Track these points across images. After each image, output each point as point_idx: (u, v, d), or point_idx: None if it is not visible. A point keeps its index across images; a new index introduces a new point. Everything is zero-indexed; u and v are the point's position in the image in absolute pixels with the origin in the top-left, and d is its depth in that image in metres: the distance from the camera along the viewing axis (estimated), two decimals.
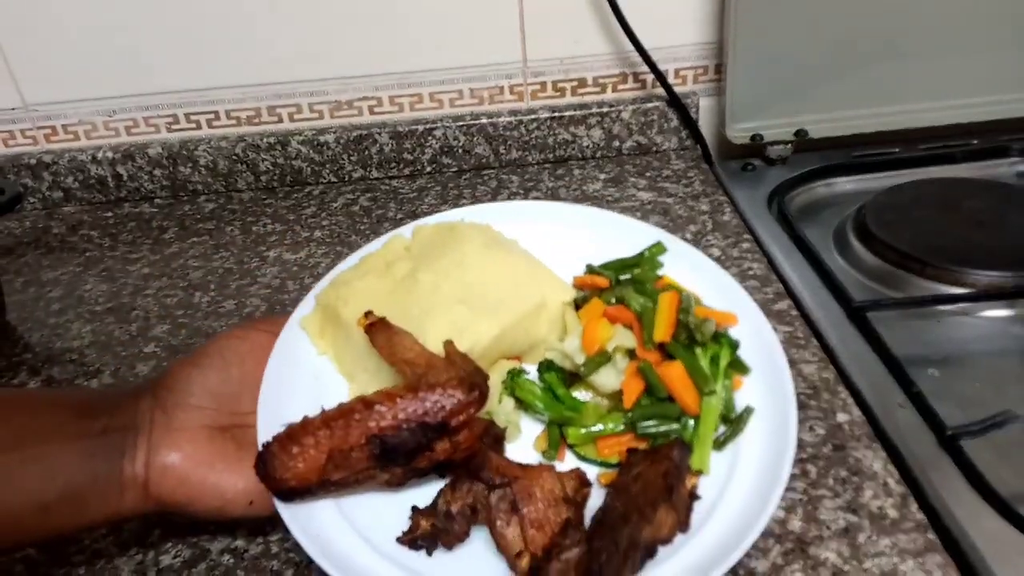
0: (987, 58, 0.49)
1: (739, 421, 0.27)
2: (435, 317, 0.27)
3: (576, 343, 0.28)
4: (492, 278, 0.29)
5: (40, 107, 0.53)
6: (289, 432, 0.23)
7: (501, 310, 0.28)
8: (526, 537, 0.23)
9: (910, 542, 0.26)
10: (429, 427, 0.23)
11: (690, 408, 0.27)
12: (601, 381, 0.27)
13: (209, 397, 0.25)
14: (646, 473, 0.24)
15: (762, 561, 0.26)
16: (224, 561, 0.28)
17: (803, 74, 0.49)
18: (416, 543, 0.24)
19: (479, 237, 0.30)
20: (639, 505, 0.23)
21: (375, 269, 0.30)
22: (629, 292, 0.29)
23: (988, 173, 0.50)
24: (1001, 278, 0.39)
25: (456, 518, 0.24)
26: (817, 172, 0.50)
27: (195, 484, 0.24)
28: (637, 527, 0.22)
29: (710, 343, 0.27)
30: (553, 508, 0.23)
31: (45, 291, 0.46)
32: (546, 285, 0.30)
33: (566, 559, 0.22)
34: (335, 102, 0.53)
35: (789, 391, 0.26)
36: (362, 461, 0.23)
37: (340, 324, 0.28)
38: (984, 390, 0.33)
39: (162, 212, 0.53)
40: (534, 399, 0.28)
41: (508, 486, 0.24)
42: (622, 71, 0.53)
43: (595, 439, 0.27)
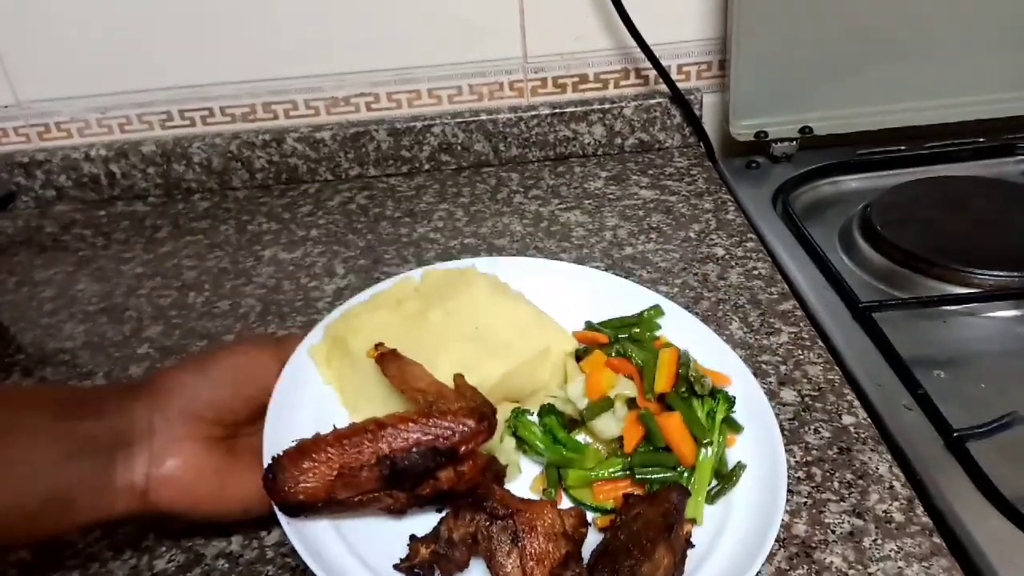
0: (994, 56, 0.48)
1: (732, 476, 0.28)
2: (445, 353, 0.28)
3: (579, 388, 0.29)
4: (500, 322, 0.30)
5: (33, 104, 0.52)
6: (300, 447, 0.24)
7: (508, 352, 0.29)
8: (525, 569, 0.23)
9: (916, 546, 0.26)
10: (439, 452, 0.24)
11: (686, 458, 0.28)
12: (601, 427, 0.29)
13: (211, 408, 0.25)
14: (646, 513, 0.25)
15: (767, 566, 0.26)
16: (219, 566, 0.27)
17: (808, 71, 0.48)
18: (413, 571, 0.24)
19: (488, 283, 0.32)
20: (640, 541, 0.23)
21: (386, 305, 0.31)
22: (630, 345, 0.31)
23: (994, 171, 0.49)
24: (1008, 278, 0.38)
25: (458, 546, 0.24)
26: (822, 170, 0.50)
27: (196, 494, 0.24)
28: (638, 562, 0.23)
29: (707, 398, 0.29)
30: (554, 542, 0.24)
31: (38, 291, 0.45)
32: (550, 333, 0.32)
33: None
34: (331, 98, 0.53)
35: (779, 451, 0.27)
36: (371, 481, 0.24)
37: (348, 354, 0.29)
38: (990, 391, 0.33)
39: (156, 211, 0.53)
40: (536, 439, 0.28)
41: (511, 518, 0.24)
42: (624, 67, 0.53)
43: (592, 483, 0.28)
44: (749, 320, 0.37)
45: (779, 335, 0.36)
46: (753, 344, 0.36)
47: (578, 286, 0.34)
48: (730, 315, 0.38)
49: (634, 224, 0.46)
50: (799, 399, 0.32)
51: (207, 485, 0.24)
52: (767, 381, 0.34)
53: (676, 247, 0.44)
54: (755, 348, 0.35)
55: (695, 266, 0.42)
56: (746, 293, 0.39)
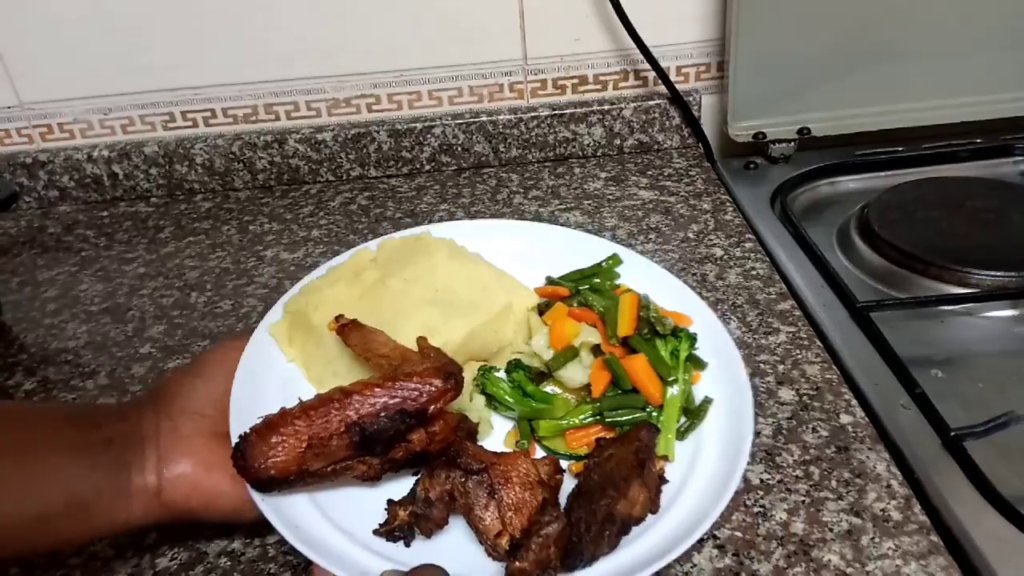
0: (991, 57, 0.48)
1: (699, 411, 0.28)
2: (407, 318, 0.28)
3: (544, 341, 0.30)
4: (460, 284, 0.30)
5: (36, 105, 0.52)
6: (268, 422, 0.23)
7: (470, 312, 0.29)
8: (504, 520, 0.23)
9: (913, 544, 0.26)
10: (407, 414, 0.23)
11: (654, 398, 0.28)
12: (568, 375, 0.29)
13: (212, 406, 0.25)
14: (618, 453, 0.25)
15: (764, 564, 0.26)
16: (221, 564, 0.28)
17: (806, 72, 0.48)
18: (394, 534, 0.24)
19: (445, 247, 0.32)
20: (614, 479, 0.24)
21: (344, 277, 0.30)
22: (591, 294, 0.31)
23: (992, 172, 0.50)
24: (1005, 278, 0.38)
25: (435, 504, 0.24)
26: (820, 171, 0.50)
27: (207, 489, 0.24)
28: (614, 500, 0.23)
29: (670, 338, 0.29)
30: (530, 491, 0.24)
31: (40, 291, 0.45)
32: (512, 290, 0.31)
33: (545, 534, 0.23)
34: (333, 100, 0.53)
35: (744, 383, 0.28)
36: (342, 449, 0.23)
37: (310, 330, 0.29)
38: (987, 391, 0.33)
39: (158, 211, 0.53)
40: (504, 395, 0.29)
41: (485, 471, 0.24)
42: (623, 68, 0.53)
43: (564, 432, 0.28)
44: (747, 320, 0.38)
45: (777, 335, 0.36)
46: (751, 344, 0.36)
47: (536, 243, 0.34)
48: (728, 315, 0.38)
49: (633, 225, 0.46)
50: (797, 398, 0.33)
51: (219, 479, 0.24)
52: (765, 380, 0.34)
53: (675, 247, 0.44)
54: (753, 348, 0.36)
55: (694, 266, 0.42)
56: (744, 293, 0.40)
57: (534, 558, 0.22)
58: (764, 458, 0.30)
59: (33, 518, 0.22)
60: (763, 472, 0.29)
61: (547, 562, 0.22)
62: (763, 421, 0.32)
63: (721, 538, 0.27)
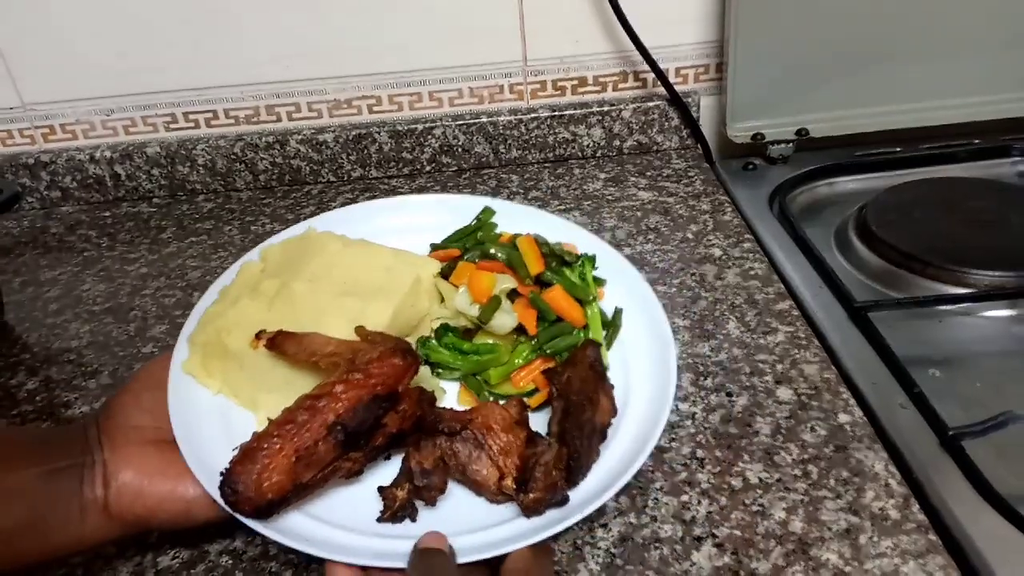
0: (989, 57, 0.49)
1: (615, 320, 0.32)
2: (328, 315, 0.28)
3: (465, 298, 0.31)
4: (363, 271, 0.30)
5: (38, 106, 0.52)
6: (244, 451, 0.23)
7: (385, 293, 0.30)
8: (500, 465, 0.25)
9: (911, 543, 0.26)
10: (381, 398, 0.24)
11: (578, 320, 0.31)
12: (500, 323, 0.30)
13: (146, 416, 0.26)
14: (576, 374, 0.28)
15: (763, 562, 0.26)
16: (223, 562, 0.28)
17: (804, 73, 0.49)
18: (398, 516, 0.25)
19: (334, 241, 0.32)
20: (587, 396, 0.27)
21: (243, 294, 0.30)
22: (489, 246, 0.33)
23: (990, 173, 0.50)
24: (1002, 278, 0.39)
25: (432, 472, 0.25)
26: (819, 171, 0.50)
27: (152, 494, 0.24)
28: (591, 413, 0.26)
29: (575, 265, 0.32)
30: (512, 432, 0.25)
31: (43, 291, 0.46)
32: (414, 264, 0.32)
33: (545, 462, 0.24)
34: (334, 101, 0.53)
35: (643, 285, 0.32)
36: (329, 453, 0.23)
37: (228, 356, 0.28)
38: (985, 390, 0.33)
39: (160, 212, 0.53)
40: (449, 359, 0.30)
41: (466, 428, 0.25)
42: (623, 70, 0.53)
43: (510, 375, 0.30)
44: (746, 320, 0.38)
45: (775, 335, 0.36)
46: (750, 343, 0.36)
47: (410, 214, 0.35)
48: (727, 315, 0.38)
49: (632, 225, 0.46)
50: (795, 398, 0.33)
51: (160, 483, 0.24)
52: (764, 380, 0.34)
53: (674, 248, 0.44)
54: (752, 347, 0.36)
55: (692, 266, 0.42)
56: (743, 293, 0.40)
57: (543, 485, 0.24)
58: (762, 457, 0.30)
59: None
60: (761, 471, 0.29)
61: (555, 485, 0.24)
62: (761, 420, 0.32)
63: (720, 537, 0.27)
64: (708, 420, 0.32)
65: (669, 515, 0.28)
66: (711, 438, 0.31)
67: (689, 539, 0.27)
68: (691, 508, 0.28)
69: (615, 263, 0.33)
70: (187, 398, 0.27)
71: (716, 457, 0.30)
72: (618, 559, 0.27)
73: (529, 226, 0.34)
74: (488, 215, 0.35)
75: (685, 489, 0.29)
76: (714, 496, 0.29)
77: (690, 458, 0.30)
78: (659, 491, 0.29)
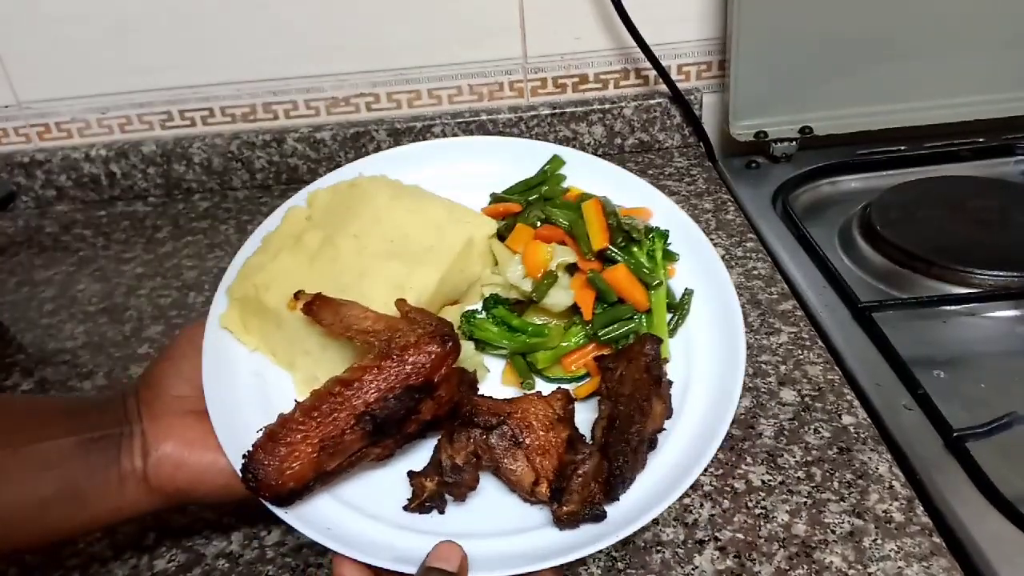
0: (993, 56, 0.48)
1: (683, 304, 0.28)
2: (370, 279, 0.26)
3: (519, 270, 0.28)
4: (413, 227, 0.28)
5: (33, 104, 0.52)
6: (270, 434, 0.23)
7: (434, 256, 0.27)
8: (536, 466, 0.23)
9: (916, 546, 0.26)
10: (415, 389, 0.22)
11: (641, 304, 0.28)
12: (554, 301, 0.28)
13: (186, 385, 0.25)
14: (629, 372, 0.25)
15: (766, 566, 0.26)
16: (219, 565, 0.27)
17: (808, 71, 0.48)
18: (425, 506, 0.23)
19: (384, 190, 0.29)
20: (638, 403, 0.24)
21: (284, 247, 0.28)
22: (552, 210, 0.29)
23: (994, 171, 0.49)
24: (1007, 278, 0.38)
25: (464, 468, 0.23)
26: (822, 170, 0.50)
27: (193, 465, 0.24)
28: (642, 423, 0.24)
29: (644, 240, 0.29)
30: (552, 431, 0.24)
31: (38, 291, 0.45)
32: (468, 222, 0.29)
33: (584, 473, 0.22)
34: (332, 98, 0.53)
35: (719, 266, 0.28)
36: (356, 442, 0.22)
37: (265, 313, 0.27)
38: (990, 391, 0.33)
39: (156, 211, 0.53)
40: (494, 337, 0.28)
41: (504, 423, 0.24)
42: (624, 67, 0.52)
43: (560, 358, 0.28)
44: (749, 320, 0.37)
45: (779, 335, 0.36)
46: (753, 344, 0.36)
47: (471, 158, 0.32)
48: None
49: None
50: (799, 399, 0.32)
51: (201, 454, 0.24)
52: (767, 381, 0.34)
53: None
54: (755, 348, 0.35)
55: None
56: (746, 293, 0.39)
57: (578, 498, 0.22)
58: (766, 459, 0.30)
59: (31, 505, 0.22)
60: (765, 473, 0.29)
61: (591, 498, 0.22)
62: (765, 422, 0.31)
63: (722, 540, 0.27)
64: None
65: (671, 518, 0.28)
66: None
67: (691, 542, 0.27)
68: (693, 511, 0.28)
69: (690, 237, 0.29)
70: (223, 359, 0.25)
71: (719, 459, 0.30)
72: (619, 563, 0.26)
73: (601, 184, 0.30)
74: (556, 165, 0.31)
75: (687, 492, 0.28)
76: (717, 499, 0.28)
77: None
78: None
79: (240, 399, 0.25)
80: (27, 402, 0.27)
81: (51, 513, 0.23)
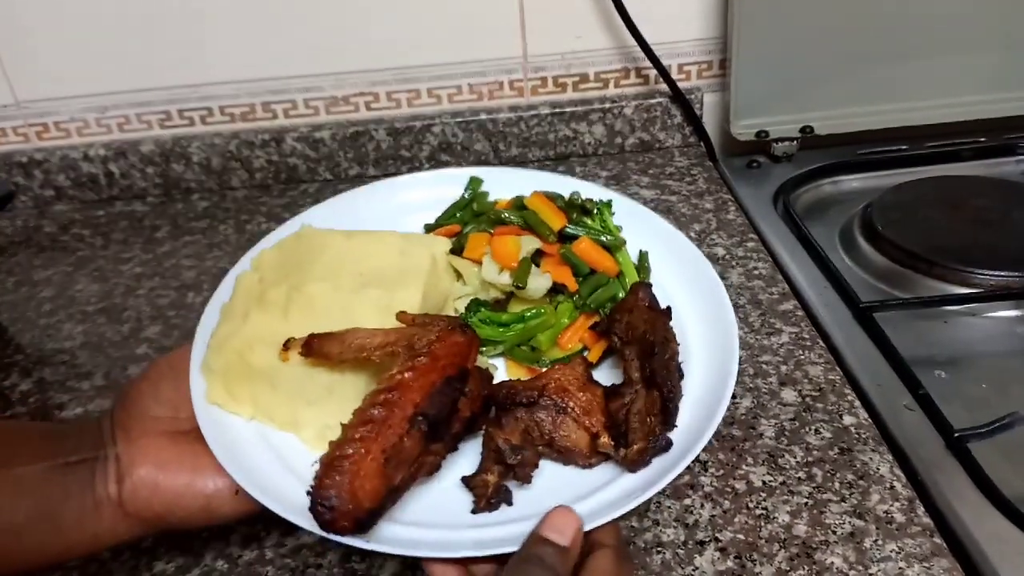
0: (994, 55, 0.48)
1: (644, 261, 0.31)
2: (357, 311, 0.26)
3: (493, 268, 0.30)
4: (376, 258, 0.29)
5: (32, 104, 0.52)
6: (326, 463, 0.21)
7: (407, 278, 0.28)
8: (586, 426, 0.23)
9: (917, 547, 0.26)
10: (455, 379, 0.22)
11: (611, 269, 0.30)
12: (535, 287, 0.29)
13: (164, 406, 0.25)
14: (635, 318, 0.27)
15: (767, 567, 0.26)
16: (218, 567, 0.27)
17: (809, 70, 0.48)
18: (493, 503, 0.23)
19: (332, 234, 0.29)
20: (661, 333, 0.26)
21: (251, 309, 0.27)
22: (500, 212, 0.31)
23: (995, 171, 0.49)
24: (1008, 278, 0.38)
25: (522, 447, 0.23)
26: (823, 170, 0.50)
27: (169, 488, 0.23)
28: (671, 351, 0.25)
29: (594, 214, 0.31)
30: (589, 391, 0.24)
31: (36, 291, 0.45)
32: (425, 243, 0.31)
33: (638, 410, 0.23)
34: (331, 98, 0.53)
35: (659, 222, 0.32)
36: (414, 447, 0.21)
37: (255, 376, 0.26)
38: (991, 391, 0.33)
39: (155, 210, 0.52)
40: (494, 334, 0.29)
41: (544, 395, 0.24)
42: (624, 66, 0.52)
43: (556, 339, 0.29)
44: (750, 320, 0.37)
45: (780, 335, 0.36)
46: (754, 344, 0.36)
47: (396, 199, 0.34)
48: None
49: None
50: (800, 399, 0.32)
51: (176, 475, 0.23)
52: (768, 381, 0.33)
53: None
54: (756, 348, 0.35)
55: None
56: (747, 293, 0.39)
57: (641, 434, 0.23)
58: (767, 460, 0.30)
59: (6, 531, 0.22)
60: (765, 474, 0.29)
61: (654, 431, 0.23)
62: (766, 422, 0.31)
63: (723, 540, 0.27)
64: None
65: (671, 519, 0.28)
66: (714, 440, 0.31)
67: (692, 543, 0.27)
68: (694, 512, 0.28)
69: (624, 205, 0.32)
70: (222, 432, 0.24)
71: (719, 460, 0.30)
72: None
73: (520, 188, 0.32)
74: (477, 184, 0.34)
75: (688, 492, 0.29)
76: (717, 500, 0.28)
77: (693, 461, 0.30)
78: (661, 494, 0.29)
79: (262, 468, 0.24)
80: (2, 426, 0.27)
81: (27, 539, 0.22)
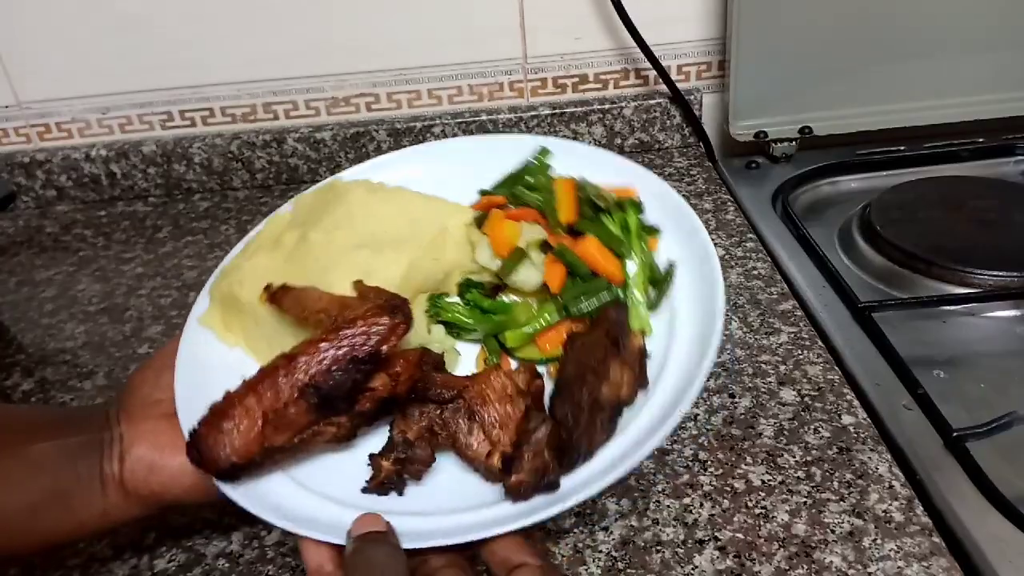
0: (993, 56, 0.48)
1: (666, 277, 0.27)
2: (337, 268, 0.26)
3: (487, 251, 0.28)
4: (387, 220, 0.28)
5: (34, 105, 0.52)
6: (214, 410, 0.22)
7: (405, 245, 0.27)
8: (492, 439, 0.22)
9: (915, 546, 0.26)
10: (360, 360, 0.22)
11: (615, 276, 0.27)
12: (522, 278, 0.27)
13: (164, 392, 0.25)
14: (587, 339, 0.24)
15: (766, 566, 0.26)
16: (219, 565, 0.28)
17: (808, 71, 0.48)
18: (384, 487, 0.23)
19: (361, 187, 0.29)
20: (590, 364, 0.23)
21: (263, 247, 0.28)
22: (523, 190, 0.29)
23: (993, 172, 0.49)
24: (1007, 278, 0.38)
25: (416, 444, 0.22)
26: (822, 170, 0.50)
27: (164, 468, 0.24)
28: (595, 385, 0.22)
29: (616, 212, 0.28)
30: (510, 403, 0.23)
31: (38, 291, 0.45)
32: (443, 213, 0.29)
33: (536, 440, 0.21)
34: (332, 99, 0.53)
35: (706, 240, 0.27)
36: (301, 416, 0.21)
37: (243, 310, 0.26)
38: (990, 391, 0.33)
39: (156, 211, 0.53)
40: (461, 317, 0.27)
41: (458, 397, 0.23)
42: (624, 67, 0.53)
43: (535, 338, 0.27)
44: (749, 320, 0.37)
45: (779, 335, 0.36)
46: (753, 344, 0.36)
47: (462, 159, 0.31)
48: (730, 315, 0.38)
49: None
50: (799, 399, 0.33)
51: (171, 456, 0.24)
52: (767, 381, 0.34)
53: None
54: (755, 348, 0.35)
55: None
56: (746, 293, 0.39)
57: (530, 467, 0.21)
58: (766, 459, 0.30)
59: (20, 509, 0.23)
60: (764, 473, 0.29)
61: (544, 468, 0.21)
62: (764, 422, 0.31)
63: (722, 540, 0.27)
64: (710, 422, 0.32)
65: (671, 518, 0.28)
66: (713, 440, 0.31)
67: (691, 542, 0.27)
68: (693, 511, 0.28)
69: (672, 207, 0.28)
70: (198, 361, 0.25)
71: (718, 459, 0.30)
72: (619, 562, 0.26)
73: (590, 168, 0.29)
74: (544, 155, 0.31)
75: (687, 492, 0.29)
76: (716, 499, 0.28)
77: (692, 460, 0.30)
78: (661, 494, 0.29)
79: (211, 392, 0.24)
80: (15, 410, 0.28)
81: (41, 518, 0.23)
